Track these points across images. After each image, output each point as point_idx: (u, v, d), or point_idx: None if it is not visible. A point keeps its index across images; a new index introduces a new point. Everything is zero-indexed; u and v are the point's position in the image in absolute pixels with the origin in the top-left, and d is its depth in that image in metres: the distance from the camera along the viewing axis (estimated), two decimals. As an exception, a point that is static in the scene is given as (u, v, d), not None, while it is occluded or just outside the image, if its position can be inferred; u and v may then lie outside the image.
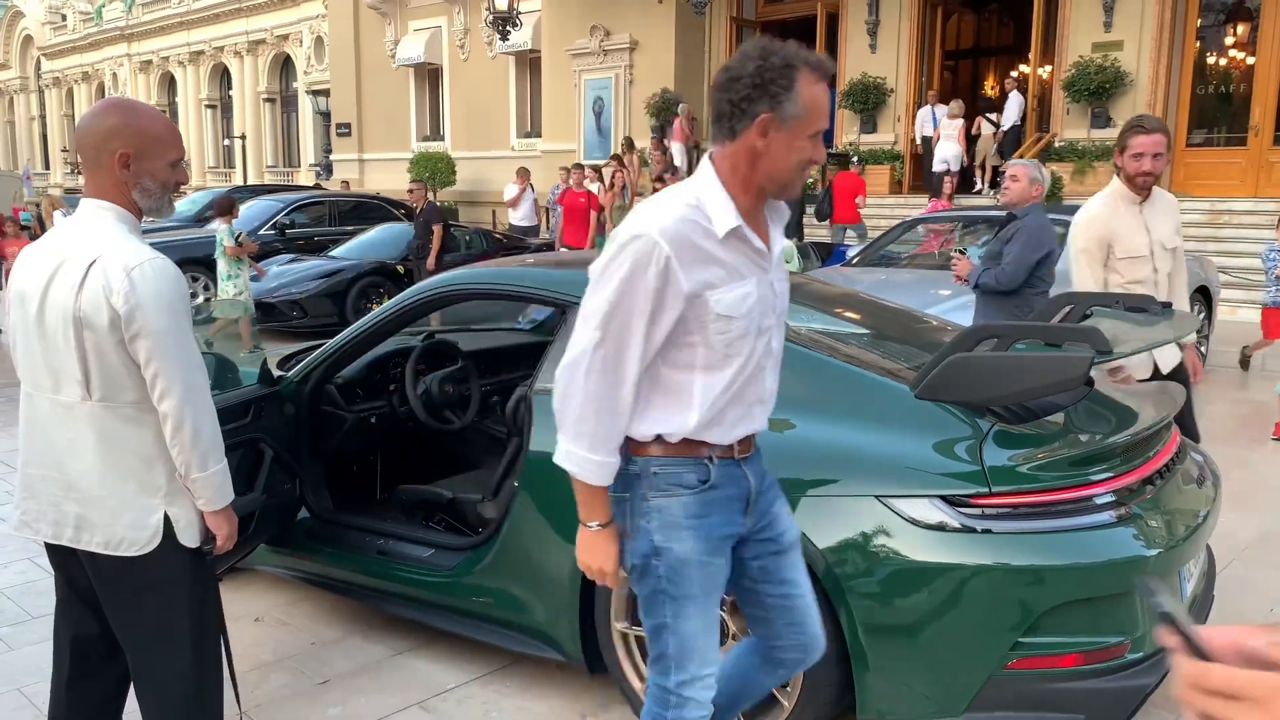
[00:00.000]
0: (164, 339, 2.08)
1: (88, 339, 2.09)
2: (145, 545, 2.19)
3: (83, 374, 2.11)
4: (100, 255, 2.08)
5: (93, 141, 2.15)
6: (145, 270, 2.08)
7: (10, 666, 3.41)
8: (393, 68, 25.02)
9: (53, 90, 42.75)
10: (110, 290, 2.05)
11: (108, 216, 2.16)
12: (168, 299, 2.09)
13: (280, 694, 3.23)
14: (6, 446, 6.35)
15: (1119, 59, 13.58)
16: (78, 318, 2.08)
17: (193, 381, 2.14)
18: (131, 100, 2.23)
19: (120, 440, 2.15)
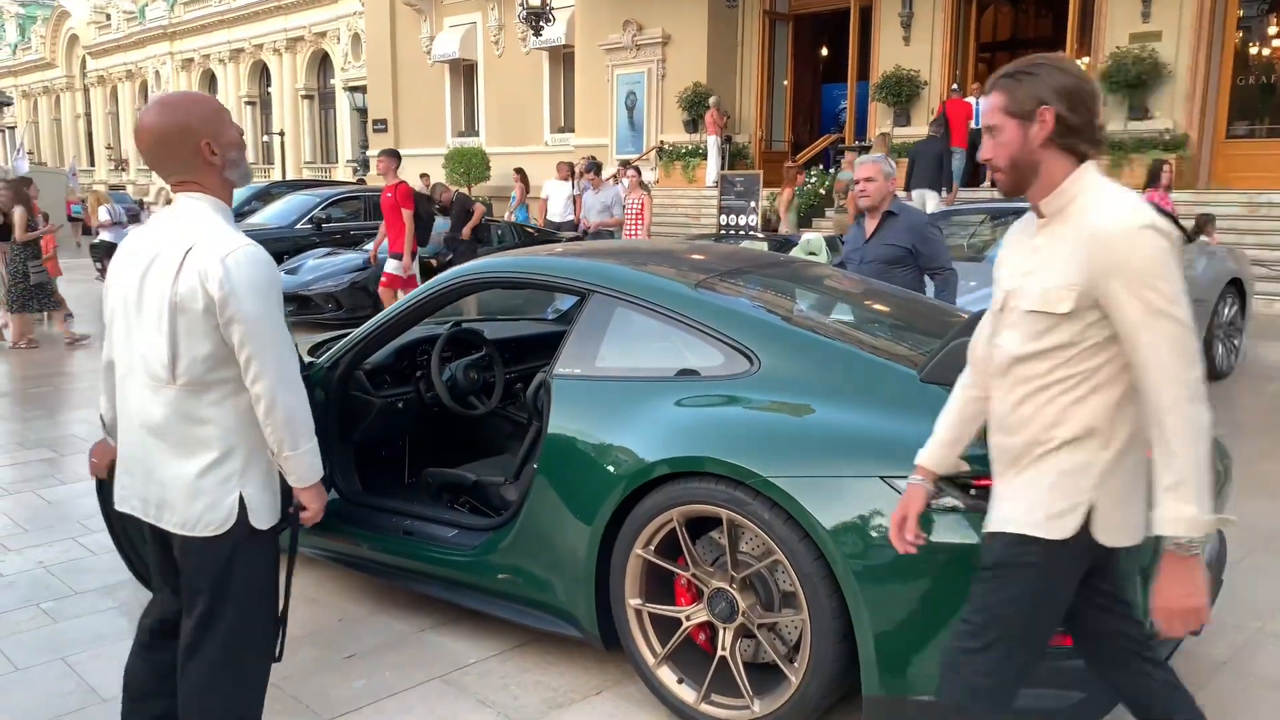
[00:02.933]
0: (258, 323, 2.16)
1: (181, 324, 2.17)
2: (220, 526, 2.26)
3: (170, 358, 2.20)
4: (196, 243, 2.17)
5: (173, 144, 2.22)
6: (239, 257, 2.16)
7: (55, 639, 3.57)
8: (428, 64, 25.27)
9: (97, 88, 43.58)
10: (206, 276, 2.13)
11: (202, 207, 2.25)
12: (261, 284, 2.17)
13: (309, 667, 3.35)
14: (54, 434, 6.56)
15: (1157, 50, 13.42)
16: (174, 303, 2.16)
17: (285, 364, 2.22)
18: (169, 95, 2.32)
19: (200, 423, 2.23)
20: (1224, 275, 7.99)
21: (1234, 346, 8.18)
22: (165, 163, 2.25)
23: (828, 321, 3.27)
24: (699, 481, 2.83)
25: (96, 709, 3.10)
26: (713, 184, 16.58)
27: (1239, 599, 3.73)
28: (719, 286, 3.35)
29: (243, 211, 14.97)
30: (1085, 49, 14.88)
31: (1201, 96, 13.47)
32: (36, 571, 4.18)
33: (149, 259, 2.23)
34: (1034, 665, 2.13)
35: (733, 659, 2.88)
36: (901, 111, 16.15)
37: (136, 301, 2.24)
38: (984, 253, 7.74)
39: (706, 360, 3.06)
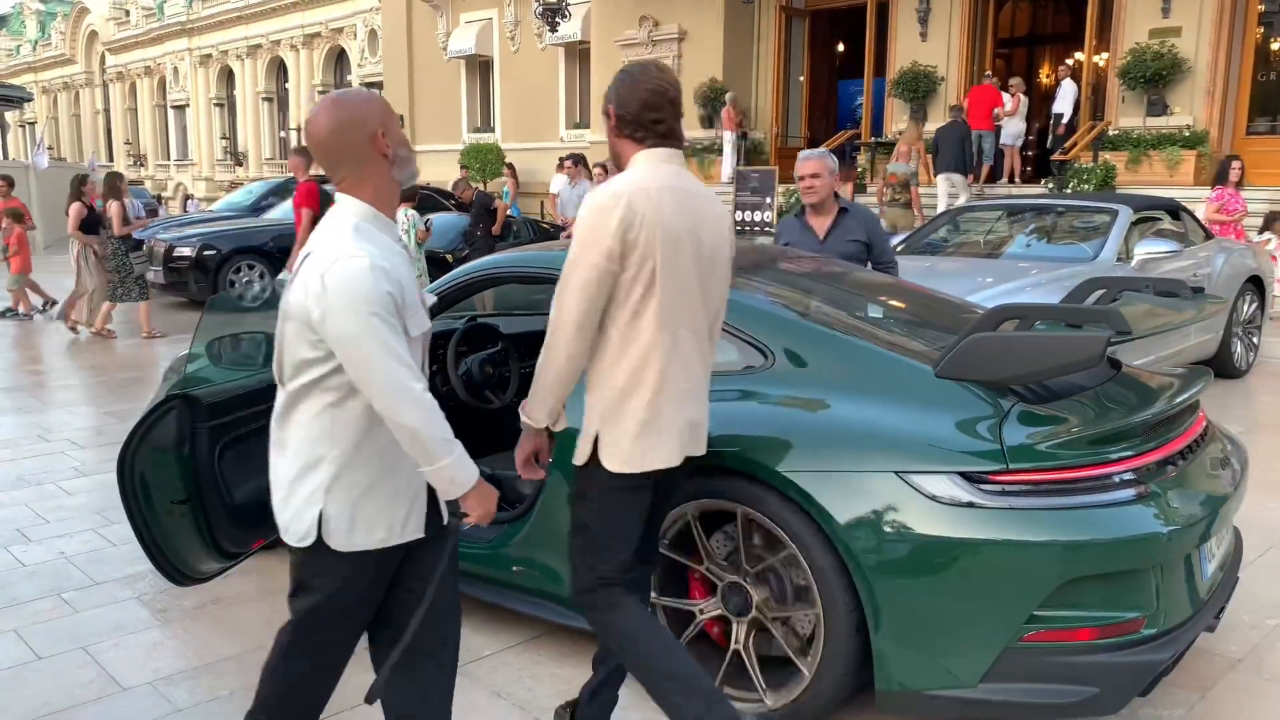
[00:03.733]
0: (355, 342, 1.99)
1: (287, 329, 2.10)
2: (302, 538, 2.16)
3: (278, 362, 2.16)
4: (312, 251, 2.08)
5: (346, 137, 2.11)
6: (337, 271, 1.99)
7: (76, 628, 3.61)
8: (444, 60, 25.32)
9: (116, 84, 43.87)
10: (308, 289, 2.02)
11: (342, 210, 2.14)
12: (356, 301, 1.98)
13: (326, 657, 3.38)
14: (80, 424, 6.63)
15: (1176, 45, 13.30)
16: (284, 309, 2.11)
17: (394, 381, 2.01)
18: (339, 92, 2.22)
19: (297, 431, 2.16)
20: (1243, 272, 7.95)
21: (1252, 344, 8.13)
22: (337, 158, 2.13)
23: (843, 317, 3.27)
24: (713, 476, 2.84)
25: (117, 698, 3.14)
26: (728, 180, 16.56)
27: (1254, 596, 3.72)
28: (734, 282, 3.35)
29: (260, 206, 15.06)
30: (1104, 44, 14.79)
31: (1222, 92, 13.36)
32: (58, 562, 4.23)
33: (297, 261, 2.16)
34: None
35: (746, 653, 2.89)
36: (918, 107, 16.07)
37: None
38: (1000, 249, 7.72)
39: (721, 355, 3.06)
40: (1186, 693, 3.09)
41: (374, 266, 2.00)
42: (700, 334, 2.52)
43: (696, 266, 2.47)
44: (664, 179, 2.44)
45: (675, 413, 2.46)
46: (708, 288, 2.52)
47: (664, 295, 2.41)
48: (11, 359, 9.11)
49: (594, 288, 2.39)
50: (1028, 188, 14.05)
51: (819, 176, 4.58)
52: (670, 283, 2.41)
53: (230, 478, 3.30)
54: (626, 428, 2.45)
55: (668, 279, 2.40)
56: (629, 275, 2.39)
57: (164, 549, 3.22)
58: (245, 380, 3.51)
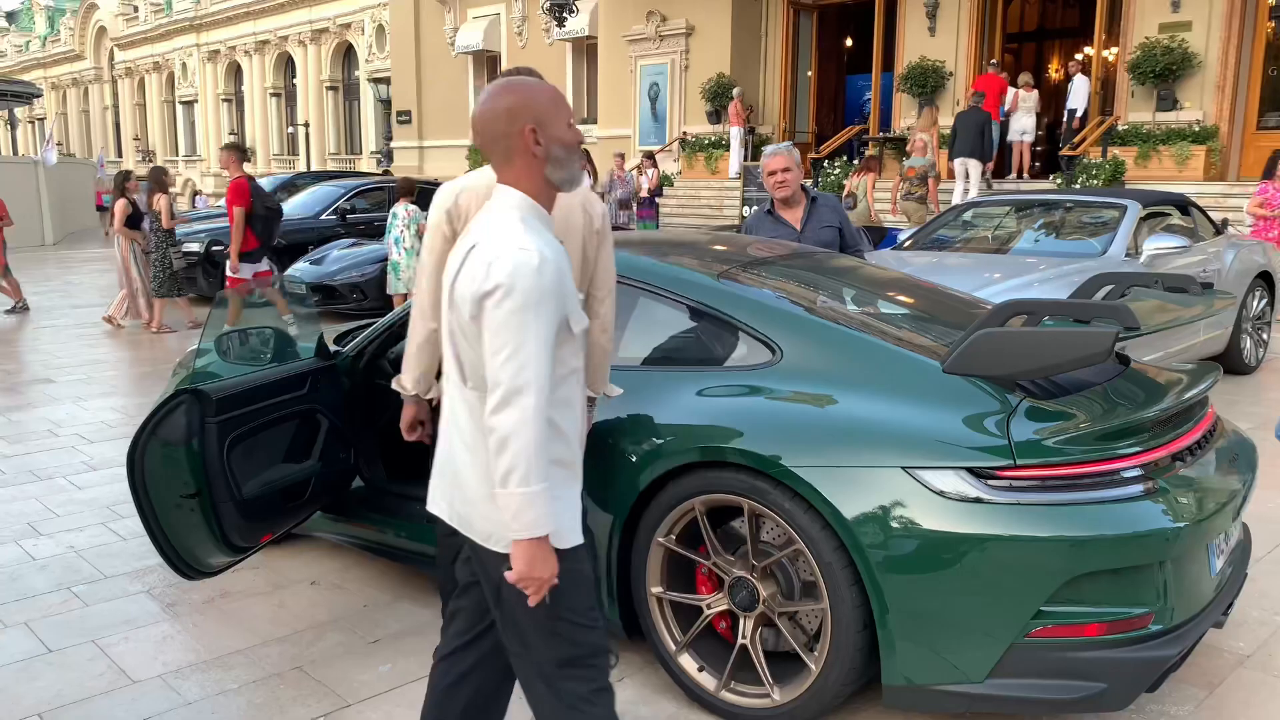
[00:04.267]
0: (510, 335, 1.90)
1: (456, 324, 2.03)
2: (507, 544, 2.01)
3: (456, 360, 2.06)
4: (478, 243, 2.00)
5: (497, 125, 2.04)
6: (504, 263, 1.91)
7: (86, 622, 3.64)
8: (452, 55, 25.34)
9: (125, 80, 44.01)
10: (473, 278, 1.95)
11: (505, 202, 2.06)
12: (520, 293, 1.89)
13: (334, 652, 3.40)
14: (90, 419, 6.66)
15: (1187, 40, 13.27)
16: (453, 304, 2.03)
17: (522, 384, 1.89)
18: (513, 77, 2.12)
19: (489, 431, 1.98)
20: (1252, 268, 7.91)
21: (1262, 340, 8.10)
22: (487, 144, 2.06)
23: (850, 312, 3.27)
24: (721, 471, 2.85)
25: (126, 690, 3.15)
26: (735, 175, 16.56)
27: (1264, 592, 3.71)
28: (742, 277, 3.36)
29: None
30: (1114, 39, 14.75)
31: (1232, 87, 13.31)
32: (68, 555, 4.25)
33: (456, 251, 2.07)
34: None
35: (753, 647, 2.90)
36: (927, 102, 16.04)
37: (444, 291, 2.11)
38: (1008, 245, 7.70)
39: (729, 350, 3.07)
40: (1194, 689, 3.09)
41: (543, 261, 1.92)
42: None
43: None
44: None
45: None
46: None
47: None
48: (21, 353, 9.15)
49: (436, 269, 2.75)
50: (1036, 183, 14.01)
51: (789, 170, 4.60)
52: None
53: (239, 472, 3.32)
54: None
55: None
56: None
57: (173, 543, 3.24)
58: (254, 375, 3.52)
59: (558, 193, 2.13)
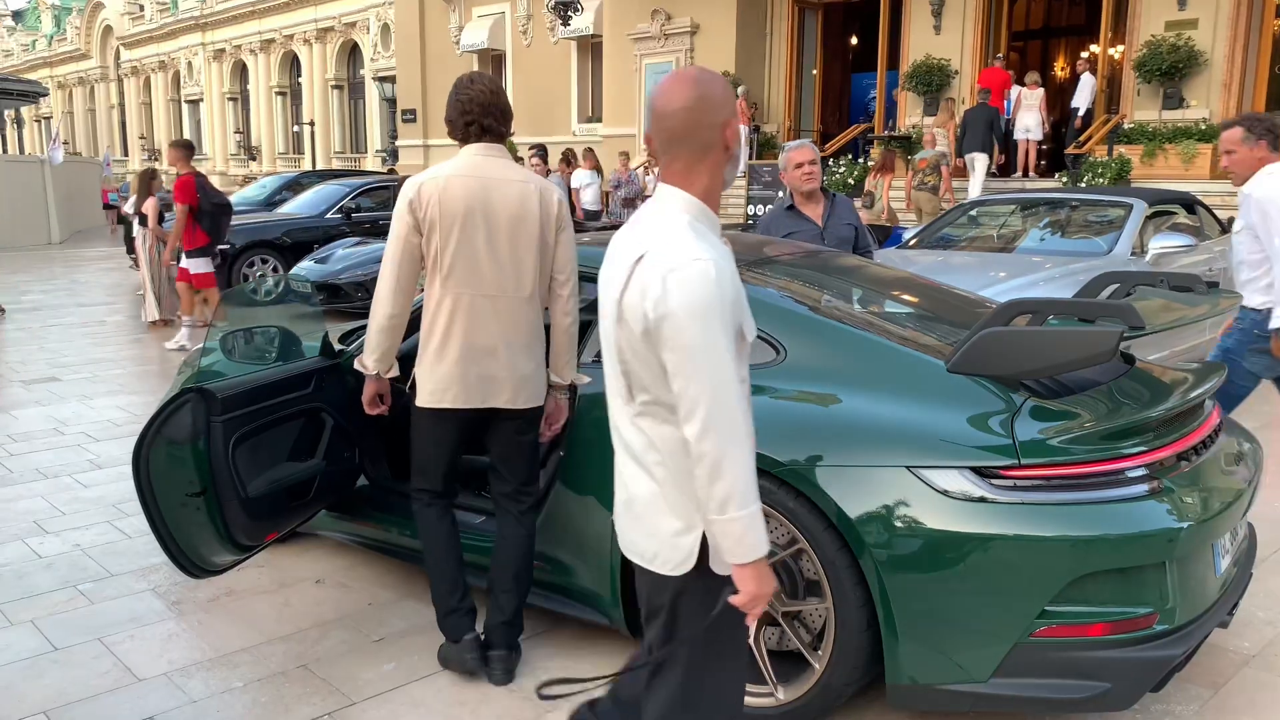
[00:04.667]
0: (692, 353, 1.79)
1: (624, 339, 1.90)
2: (679, 566, 1.94)
3: (624, 376, 1.94)
4: (648, 251, 1.85)
5: (696, 122, 1.89)
6: (683, 275, 1.79)
7: (92, 619, 3.65)
8: (457, 54, 25.34)
9: (131, 79, 44.09)
10: (645, 292, 1.82)
11: (674, 204, 1.92)
12: (702, 309, 1.79)
13: (339, 649, 3.41)
14: (96, 417, 6.68)
15: (1193, 38, 13.21)
16: (620, 315, 1.89)
17: (720, 406, 1.80)
18: (689, 70, 1.97)
19: (658, 449, 1.93)
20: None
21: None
22: (682, 138, 1.90)
23: (855, 311, 3.27)
24: (724, 470, 2.84)
25: (132, 688, 3.16)
26: (741, 174, 16.54)
27: (1269, 592, 3.70)
28: (745, 276, 3.35)
29: (273, 201, 15.11)
30: (1120, 37, 14.70)
31: (1239, 85, 13.26)
32: (74, 554, 4.26)
33: (612, 263, 1.96)
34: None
35: (757, 647, 2.89)
36: (931, 101, 16.01)
37: (601, 306, 1.99)
38: (1013, 244, 7.69)
39: (733, 349, 3.07)
40: (1199, 688, 3.08)
41: (720, 272, 1.81)
42: (497, 299, 3.04)
43: (487, 242, 3.02)
44: (459, 169, 3.03)
45: (461, 365, 3.02)
46: (504, 258, 3.04)
47: (448, 264, 3.00)
48: (27, 353, 9.18)
49: (400, 256, 3.02)
50: (1042, 181, 13.98)
51: (815, 163, 4.61)
52: (454, 255, 3.00)
53: (244, 471, 3.32)
54: (424, 371, 3.07)
55: (450, 251, 2.99)
56: (431, 247, 3.01)
57: (178, 541, 3.25)
58: (259, 374, 3.52)
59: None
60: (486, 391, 3.05)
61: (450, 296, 3.02)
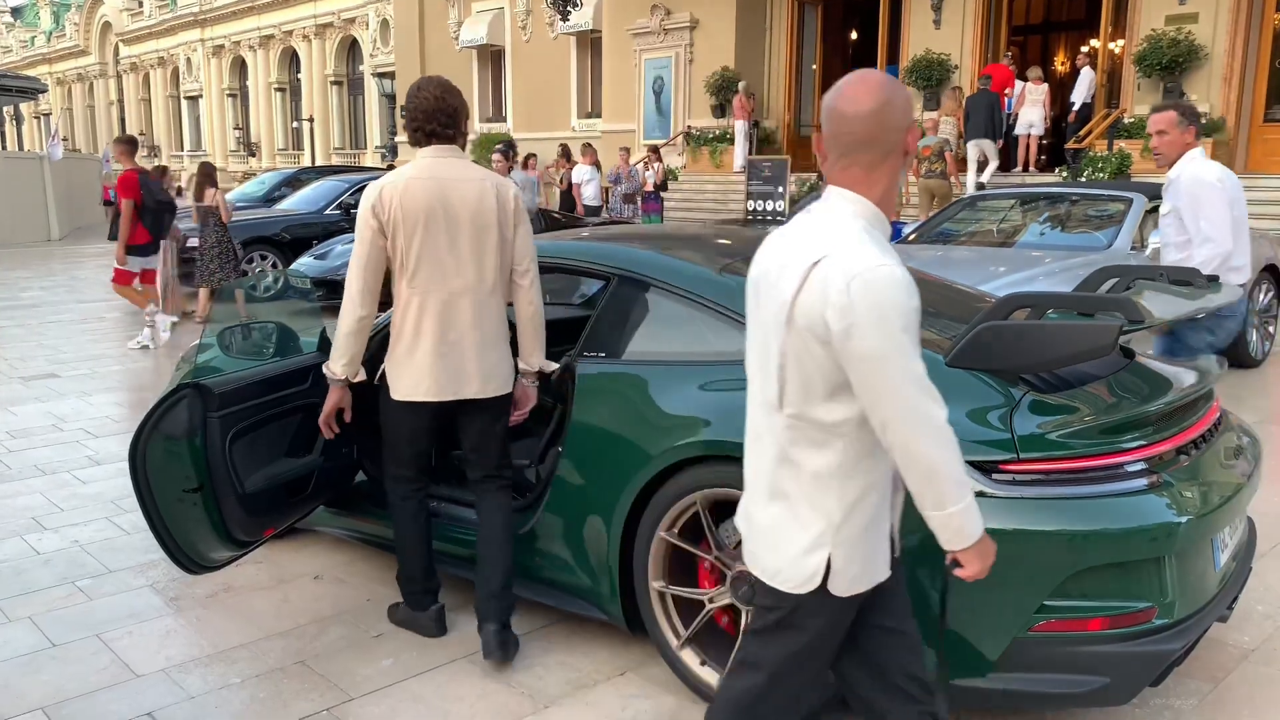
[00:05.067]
0: (882, 364, 1.75)
1: (792, 343, 1.83)
2: (802, 584, 1.90)
3: (779, 383, 1.88)
4: (826, 255, 1.79)
5: (883, 126, 1.85)
6: (869, 280, 1.73)
7: (90, 616, 3.64)
8: (456, 49, 25.32)
9: (130, 75, 44.06)
10: (827, 300, 1.76)
11: (848, 209, 1.87)
12: (891, 316, 1.74)
13: (337, 645, 3.40)
14: (94, 413, 6.67)
15: (1193, 32, 13.20)
16: (791, 321, 1.82)
17: (919, 410, 1.77)
18: (869, 74, 1.93)
19: (794, 465, 1.88)
20: (1258, 262, 7.87)
21: (1268, 334, 8.07)
22: (869, 141, 1.85)
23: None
24: (723, 465, 2.84)
25: (130, 684, 3.16)
26: (740, 169, 16.53)
27: (1268, 586, 3.70)
28: (744, 271, 3.34)
29: (272, 197, 15.10)
30: (1120, 31, 14.68)
31: (1239, 80, 13.24)
32: (72, 550, 4.26)
33: (782, 261, 1.89)
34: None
35: (755, 642, 2.89)
36: (932, 95, 15.99)
37: (763, 306, 1.93)
38: (1013, 238, 7.68)
39: (731, 344, 3.06)
40: (1198, 683, 3.08)
41: (905, 277, 1.77)
42: (462, 295, 3.16)
43: (449, 240, 3.14)
44: (418, 171, 3.16)
45: (432, 359, 3.15)
46: (467, 255, 3.16)
47: (413, 265, 3.13)
48: (26, 350, 9.17)
49: (366, 259, 3.14)
50: (1042, 176, 13.97)
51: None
52: (419, 255, 3.12)
53: (241, 466, 3.32)
54: (396, 367, 3.20)
55: (414, 252, 3.12)
56: (395, 249, 3.14)
57: (176, 538, 3.24)
58: (256, 369, 3.52)
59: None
60: (458, 384, 3.20)
61: (418, 295, 3.16)
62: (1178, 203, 4.29)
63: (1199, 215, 4.23)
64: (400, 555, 3.47)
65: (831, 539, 1.87)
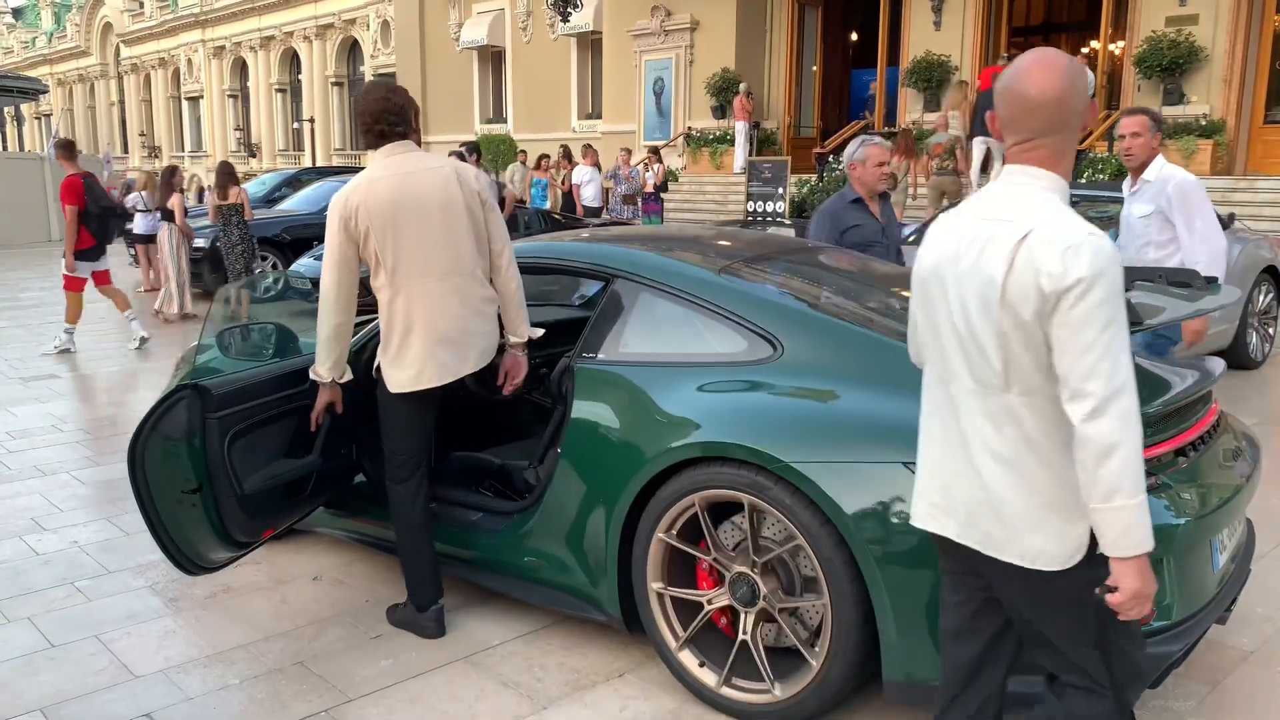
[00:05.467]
0: (1090, 331, 1.71)
1: (1008, 324, 1.80)
2: (1068, 559, 1.85)
3: (1001, 363, 1.83)
4: (1033, 229, 1.79)
5: (1073, 106, 1.85)
6: (1085, 251, 1.73)
7: (89, 616, 3.64)
8: (456, 51, 25.34)
9: (131, 76, 44.07)
10: (1039, 270, 1.75)
11: (1040, 184, 1.87)
12: (1105, 284, 1.72)
13: (336, 646, 3.40)
14: (94, 414, 6.68)
15: (1193, 33, 13.21)
16: (1004, 298, 1.79)
17: (1118, 386, 1.71)
18: (1047, 52, 1.90)
19: (1040, 437, 1.84)
20: (1258, 263, 7.87)
21: (1268, 335, 8.06)
22: (1060, 121, 1.85)
23: (852, 307, 3.26)
24: (721, 466, 2.84)
25: (129, 685, 3.16)
26: (740, 170, 16.53)
27: (1268, 589, 3.70)
28: (744, 272, 3.35)
29: (273, 198, 15.10)
30: (1120, 33, 14.68)
31: (1239, 81, 13.24)
32: (71, 551, 4.26)
33: (974, 242, 1.87)
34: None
35: (754, 643, 2.89)
36: (931, 97, 16.00)
37: (949, 291, 1.90)
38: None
39: (730, 346, 3.06)
40: (1197, 685, 3.08)
41: (1113, 248, 1.76)
42: (444, 279, 3.24)
43: (423, 230, 3.21)
44: (379, 171, 3.23)
45: (429, 348, 3.23)
46: (441, 241, 3.23)
47: (392, 261, 3.19)
48: (26, 350, 9.17)
49: (340, 268, 3.20)
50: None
51: (888, 163, 4.65)
52: (396, 250, 3.18)
53: (240, 467, 3.32)
54: (391, 362, 3.27)
55: (391, 249, 3.18)
56: (370, 249, 3.19)
57: (175, 538, 3.24)
58: (255, 370, 3.52)
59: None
60: (458, 364, 3.32)
61: (403, 290, 3.22)
62: (1161, 203, 4.38)
63: (1194, 215, 4.30)
64: (403, 548, 3.46)
65: (1080, 509, 1.81)
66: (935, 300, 1.97)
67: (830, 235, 4.50)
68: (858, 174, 4.59)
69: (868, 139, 4.68)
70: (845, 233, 4.49)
